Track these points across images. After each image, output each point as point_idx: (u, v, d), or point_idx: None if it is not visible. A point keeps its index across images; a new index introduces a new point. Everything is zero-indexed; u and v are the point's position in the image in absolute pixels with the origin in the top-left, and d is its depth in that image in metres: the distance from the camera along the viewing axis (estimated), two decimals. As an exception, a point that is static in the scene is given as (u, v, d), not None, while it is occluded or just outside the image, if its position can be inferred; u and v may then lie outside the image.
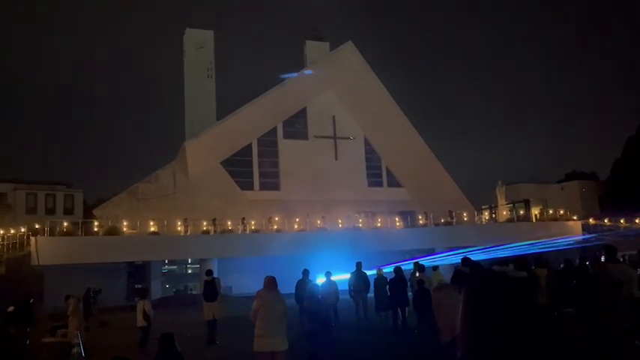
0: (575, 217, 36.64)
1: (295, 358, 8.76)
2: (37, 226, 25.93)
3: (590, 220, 37.38)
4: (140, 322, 12.97)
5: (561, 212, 36.88)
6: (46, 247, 23.36)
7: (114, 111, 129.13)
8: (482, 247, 25.95)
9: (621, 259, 11.21)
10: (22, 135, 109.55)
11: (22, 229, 27.14)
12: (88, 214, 34.19)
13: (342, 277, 17.51)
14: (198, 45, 38.62)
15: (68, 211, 41.42)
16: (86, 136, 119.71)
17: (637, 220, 37.31)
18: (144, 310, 12.93)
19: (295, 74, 36.10)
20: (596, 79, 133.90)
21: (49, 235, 24.55)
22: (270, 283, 8.13)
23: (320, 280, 15.98)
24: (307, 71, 35.68)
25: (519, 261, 11.32)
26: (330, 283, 15.41)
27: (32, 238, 23.84)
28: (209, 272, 14.31)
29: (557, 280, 12.60)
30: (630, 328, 7.06)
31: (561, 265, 14.57)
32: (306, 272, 14.99)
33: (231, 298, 21.01)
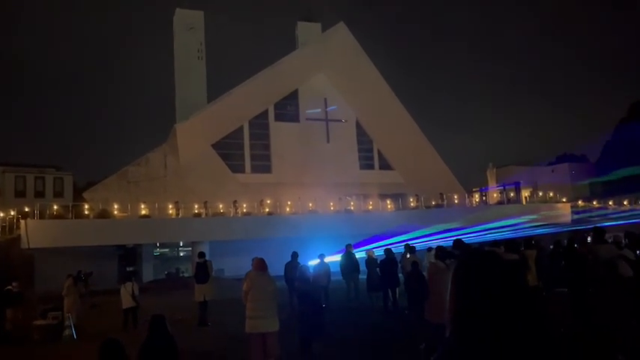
0: (564, 200, 36.97)
1: (286, 338, 8.82)
2: (26, 209, 25.72)
3: (580, 202, 37.76)
4: (129, 303, 13.36)
5: (551, 194, 37.18)
6: (36, 230, 23.20)
7: (104, 93, 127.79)
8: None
9: (609, 241, 11.31)
10: (10, 117, 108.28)
11: (12, 213, 26.95)
12: (78, 197, 33.95)
13: (334, 259, 17.62)
14: (189, 25, 38.09)
15: (58, 194, 41.19)
16: (76, 119, 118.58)
17: (625, 202, 37.75)
18: (132, 291, 13.39)
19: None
20: (588, 62, 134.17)
21: (39, 218, 24.38)
22: (259, 264, 8.16)
23: (313, 262, 16.04)
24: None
25: (510, 243, 11.41)
26: (323, 265, 15.50)
27: (22, 222, 23.65)
28: (201, 254, 14.32)
29: (546, 260, 12.75)
30: (623, 306, 7.17)
31: (551, 247, 14.75)
32: (294, 255, 15.07)
33: (223, 281, 21.08)
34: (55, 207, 26.16)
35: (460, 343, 1.64)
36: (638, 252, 10.45)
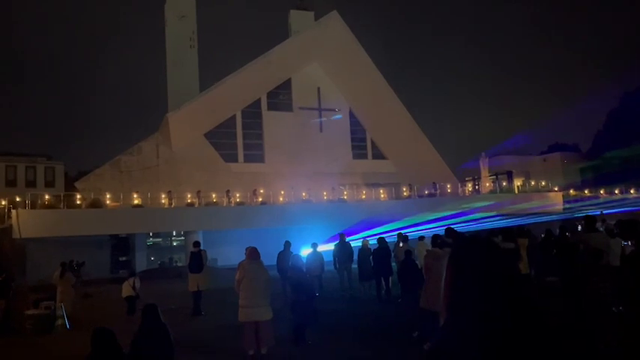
0: (556, 189, 37.18)
1: (280, 327, 8.85)
2: (17, 199, 25.52)
3: (571, 192, 38.02)
4: (128, 292, 13.63)
5: (543, 184, 37.39)
6: (28, 220, 23.05)
7: (95, 81, 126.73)
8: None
9: (601, 229, 11.40)
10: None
11: (3, 202, 26.74)
12: (70, 187, 33.75)
13: (327, 249, 17.63)
14: (180, 14, 37.72)
15: (49, 184, 40.97)
16: (67, 107, 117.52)
17: (616, 191, 38.05)
18: (134, 284, 13.68)
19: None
20: (580, 52, 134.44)
21: (31, 208, 24.20)
22: (252, 253, 8.17)
23: (306, 251, 16.06)
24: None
25: (507, 232, 11.50)
26: (316, 254, 15.51)
27: (13, 211, 23.49)
28: (196, 244, 14.26)
29: (538, 249, 12.84)
30: (608, 295, 7.24)
31: (542, 235, 14.86)
32: (287, 244, 15.07)
33: (216, 270, 21.09)
34: (47, 197, 25.98)
35: (455, 330, 1.63)
36: (627, 243, 10.54)
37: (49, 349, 10.41)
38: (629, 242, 10.21)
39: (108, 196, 26.28)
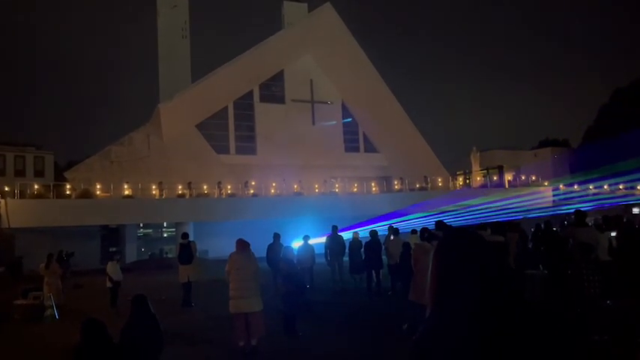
0: (546, 183, 37.44)
1: (271, 318, 8.88)
2: (6, 189, 25.30)
3: (561, 186, 38.31)
4: (107, 283, 13.89)
5: (533, 178, 37.63)
6: (17, 209, 22.89)
7: (86, 71, 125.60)
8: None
9: (590, 224, 11.51)
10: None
11: (-9, 192, 26.47)
12: (60, 177, 33.50)
13: (318, 241, 17.64)
14: (172, 4, 37.42)
15: (38, 174, 40.65)
16: (57, 97, 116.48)
17: (605, 187, 38.40)
18: (107, 273, 13.90)
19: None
20: (572, 47, 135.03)
21: (20, 197, 24.02)
22: (241, 245, 8.22)
23: (297, 243, 16.07)
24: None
25: (496, 226, 11.56)
26: (307, 247, 15.53)
27: (2, 201, 23.31)
28: (184, 235, 14.25)
29: (527, 243, 12.94)
30: (597, 288, 7.33)
31: (532, 230, 14.98)
32: (276, 236, 15.08)
33: (207, 262, 21.08)
34: (36, 186, 25.77)
35: (440, 322, 1.64)
36: (612, 234, 10.66)
37: (37, 339, 10.37)
38: (614, 233, 10.32)
39: (98, 186, 26.13)
